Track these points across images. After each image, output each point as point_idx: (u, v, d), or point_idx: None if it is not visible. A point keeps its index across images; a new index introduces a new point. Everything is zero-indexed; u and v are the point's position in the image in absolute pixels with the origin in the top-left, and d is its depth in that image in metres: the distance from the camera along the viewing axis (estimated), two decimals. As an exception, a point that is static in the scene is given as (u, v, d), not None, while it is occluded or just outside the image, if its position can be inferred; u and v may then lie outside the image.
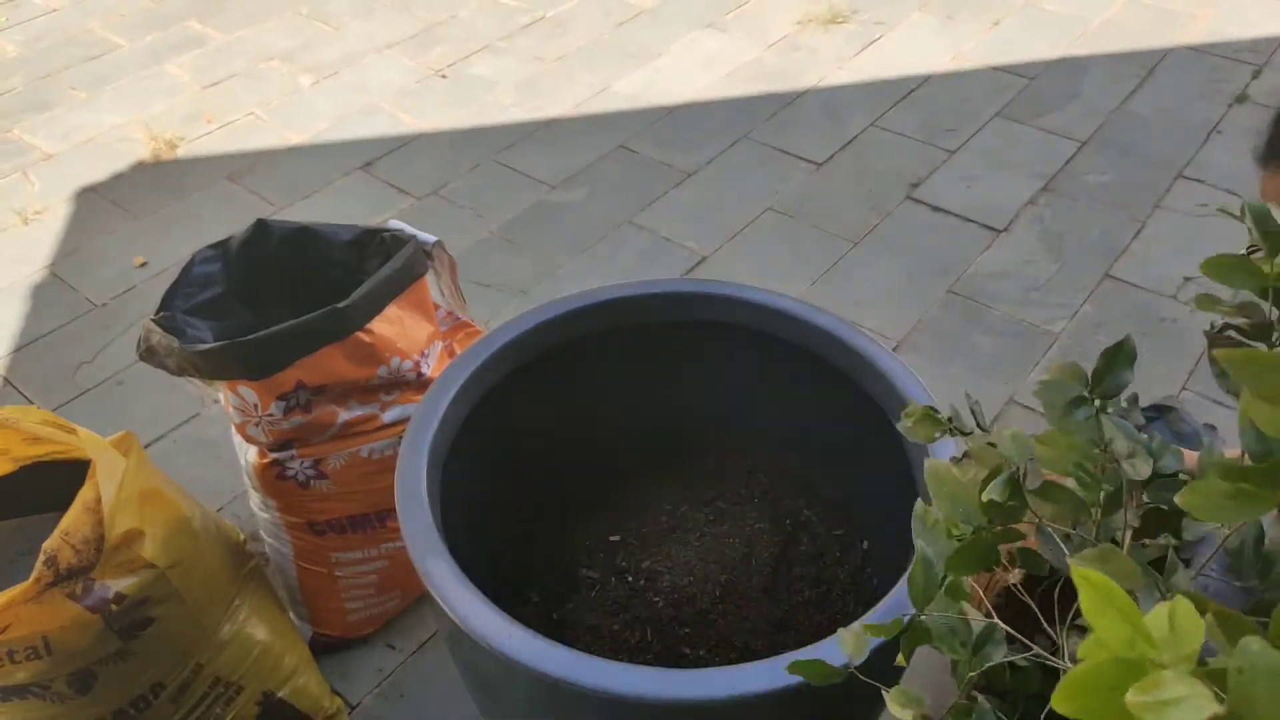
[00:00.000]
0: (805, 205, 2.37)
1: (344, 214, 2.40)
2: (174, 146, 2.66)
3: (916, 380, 1.14)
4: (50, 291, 2.23)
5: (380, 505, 1.41)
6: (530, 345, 1.22)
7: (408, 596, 1.54)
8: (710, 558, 1.29)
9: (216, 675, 1.24)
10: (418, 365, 1.36)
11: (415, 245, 1.36)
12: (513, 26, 3.18)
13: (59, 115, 2.82)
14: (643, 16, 3.21)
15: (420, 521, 0.99)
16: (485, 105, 2.81)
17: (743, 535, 1.33)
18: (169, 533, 1.16)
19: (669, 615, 1.23)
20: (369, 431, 1.35)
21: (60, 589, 1.06)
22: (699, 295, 1.27)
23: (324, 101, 2.85)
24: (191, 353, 1.21)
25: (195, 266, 1.36)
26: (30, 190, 2.54)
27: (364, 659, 1.51)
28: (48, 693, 1.12)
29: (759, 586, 1.26)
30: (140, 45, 3.13)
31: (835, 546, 1.34)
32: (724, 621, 1.23)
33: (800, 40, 3.04)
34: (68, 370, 2.03)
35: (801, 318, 1.23)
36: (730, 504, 1.38)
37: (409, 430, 1.09)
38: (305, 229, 1.41)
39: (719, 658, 1.20)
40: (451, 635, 0.98)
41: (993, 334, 2.00)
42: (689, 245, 2.28)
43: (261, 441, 1.33)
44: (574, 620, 1.26)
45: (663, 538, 1.35)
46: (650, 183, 2.49)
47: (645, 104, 2.78)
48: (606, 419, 1.38)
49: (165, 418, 1.91)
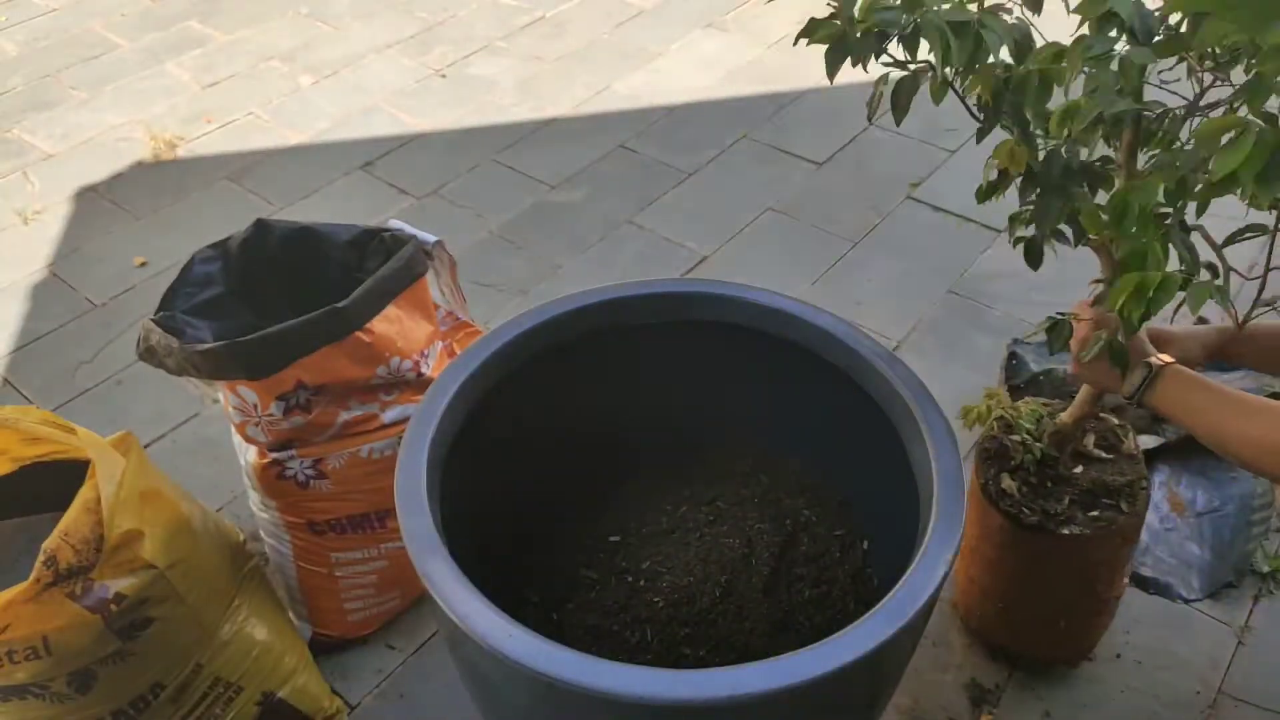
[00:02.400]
0: (805, 205, 2.36)
1: (344, 214, 2.40)
2: (174, 146, 2.66)
3: (916, 380, 1.14)
4: (50, 291, 2.23)
5: (380, 505, 1.41)
6: (530, 345, 1.22)
7: (408, 596, 1.54)
8: (710, 558, 1.29)
9: (216, 675, 1.24)
10: (418, 365, 1.36)
11: (415, 245, 1.36)
12: (513, 27, 3.18)
13: (59, 115, 2.82)
14: (642, 17, 3.21)
15: (420, 521, 0.99)
16: (485, 105, 2.81)
17: (743, 535, 1.33)
18: (169, 533, 1.16)
19: (669, 615, 1.23)
20: (369, 431, 1.35)
21: (60, 589, 1.06)
22: (699, 295, 1.27)
23: (324, 101, 2.85)
24: (191, 353, 1.21)
25: (195, 266, 1.36)
26: (30, 190, 2.54)
27: (364, 659, 1.51)
28: (47, 692, 1.12)
29: (759, 586, 1.26)
30: (140, 45, 3.13)
31: (835, 546, 1.34)
32: (724, 621, 1.23)
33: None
34: (67, 370, 2.02)
35: (801, 318, 1.23)
36: (730, 504, 1.38)
37: (409, 430, 1.09)
38: (305, 229, 1.41)
39: (719, 658, 1.20)
40: (451, 636, 0.97)
41: (993, 334, 2.00)
42: (689, 245, 2.28)
43: (261, 441, 1.32)
44: (574, 620, 1.26)
45: (663, 538, 1.34)
46: (650, 183, 2.49)
47: (645, 104, 2.78)
48: (607, 419, 1.38)
49: (165, 418, 1.90)
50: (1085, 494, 1.31)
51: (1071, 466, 1.34)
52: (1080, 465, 1.34)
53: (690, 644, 1.21)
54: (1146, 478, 1.33)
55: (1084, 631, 1.44)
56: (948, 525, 0.98)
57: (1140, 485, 1.31)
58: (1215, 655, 1.47)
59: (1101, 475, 1.33)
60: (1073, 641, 1.44)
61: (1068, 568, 1.33)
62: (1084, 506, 1.30)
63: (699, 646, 1.21)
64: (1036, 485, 1.32)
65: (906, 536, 1.04)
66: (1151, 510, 1.65)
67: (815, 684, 0.84)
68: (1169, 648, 1.48)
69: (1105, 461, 1.35)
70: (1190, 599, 1.54)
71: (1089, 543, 1.27)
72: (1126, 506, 1.29)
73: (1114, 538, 1.29)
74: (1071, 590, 1.36)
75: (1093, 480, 1.32)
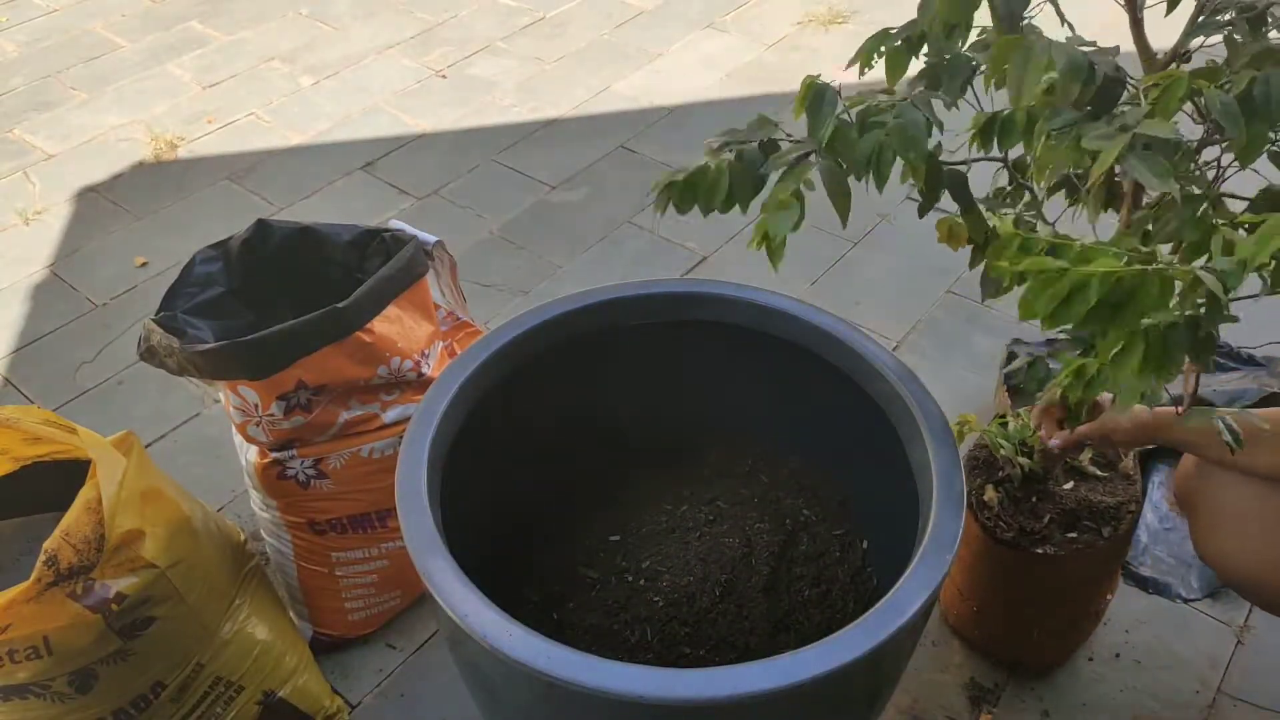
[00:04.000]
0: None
1: (344, 214, 2.41)
2: (175, 147, 2.66)
3: (916, 380, 1.14)
4: (51, 291, 2.23)
5: (380, 505, 1.41)
6: (530, 345, 1.22)
7: (408, 596, 1.54)
8: (710, 558, 1.29)
9: (217, 675, 1.24)
10: (418, 365, 1.36)
11: (416, 245, 1.36)
12: (513, 27, 3.18)
13: (60, 115, 2.82)
14: (642, 17, 3.21)
15: (420, 521, 0.99)
16: (485, 106, 2.81)
17: (743, 535, 1.33)
18: (170, 532, 1.16)
19: (669, 615, 1.23)
20: (369, 431, 1.36)
21: (61, 589, 1.06)
22: (699, 295, 1.27)
23: (325, 102, 2.85)
24: (192, 353, 1.21)
25: (196, 266, 1.36)
26: (31, 190, 2.54)
27: (364, 659, 1.51)
28: (48, 692, 1.12)
29: (759, 586, 1.26)
30: (141, 46, 3.13)
31: (835, 546, 1.34)
32: (724, 621, 1.23)
33: (800, 40, 3.04)
34: (68, 370, 2.03)
35: (801, 318, 1.23)
36: (730, 504, 1.38)
37: (409, 430, 1.09)
38: (306, 229, 1.41)
39: (719, 658, 1.20)
40: (452, 635, 0.98)
41: (992, 334, 2.00)
42: (689, 245, 2.29)
43: (262, 441, 1.33)
44: (574, 620, 1.26)
45: (663, 538, 1.35)
46: (650, 183, 2.49)
47: (645, 104, 2.79)
48: (607, 419, 1.38)
49: (166, 417, 1.91)
50: (1068, 514, 1.29)
51: (1063, 483, 1.32)
52: (1072, 481, 1.32)
53: (690, 643, 1.22)
54: (1139, 500, 1.30)
55: (1061, 641, 1.43)
56: (947, 525, 0.98)
57: (1129, 508, 1.29)
58: (1215, 655, 1.47)
59: (1090, 495, 1.30)
60: (1050, 650, 1.43)
61: (1041, 585, 1.31)
62: (1064, 526, 1.27)
63: (699, 646, 1.21)
64: (1020, 499, 1.30)
65: (906, 536, 1.04)
66: (1151, 510, 1.65)
67: (815, 683, 0.85)
68: (1169, 647, 1.48)
69: (1098, 480, 1.33)
70: (1190, 599, 1.54)
71: (1065, 562, 1.26)
72: (1109, 531, 1.26)
73: (1092, 559, 1.27)
74: (1046, 604, 1.35)
75: (1079, 500, 1.30)
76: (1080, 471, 1.34)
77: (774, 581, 1.28)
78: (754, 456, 1.44)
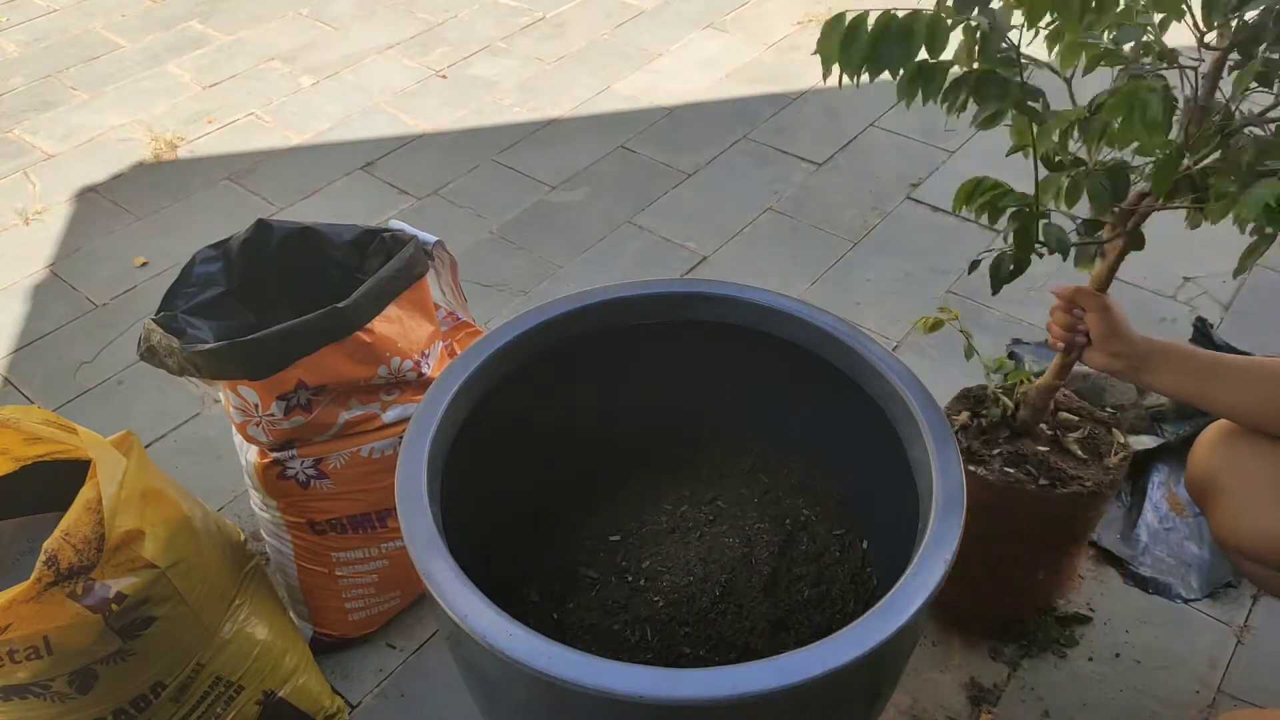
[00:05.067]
0: (805, 205, 2.37)
1: (344, 214, 2.41)
2: (175, 147, 2.66)
3: (916, 380, 1.14)
4: (51, 291, 2.23)
5: (380, 505, 1.41)
6: (530, 345, 1.22)
7: (408, 596, 1.54)
8: (710, 558, 1.29)
9: (217, 675, 1.24)
10: (418, 365, 1.36)
11: (416, 245, 1.36)
12: (513, 27, 3.18)
13: (60, 115, 2.82)
14: (642, 17, 3.21)
15: (420, 521, 0.99)
16: (485, 106, 2.81)
17: (743, 535, 1.33)
18: (170, 532, 1.16)
19: (669, 615, 1.23)
20: (369, 431, 1.36)
21: (61, 589, 1.06)
22: (699, 295, 1.27)
23: (325, 102, 2.85)
24: (192, 353, 1.21)
25: (196, 266, 1.36)
26: (31, 190, 2.54)
27: (364, 659, 1.51)
28: (48, 692, 1.12)
29: (759, 586, 1.27)
30: (141, 46, 3.13)
31: (835, 546, 1.34)
32: (724, 621, 1.23)
33: (800, 40, 3.04)
34: (68, 370, 2.03)
35: (801, 318, 1.23)
36: (730, 504, 1.39)
37: (409, 430, 1.09)
38: (306, 229, 1.41)
39: (719, 658, 1.20)
40: (452, 635, 0.98)
41: (992, 334, 2.00)
42: (689, 245, 2.29)
43: (262, 441, 1.33)
44: (574, 620, 1.26)
45: (663, 538, 1.35)
46: (650, 183, 2.49)
47: (645, 104, 2.79)
48: (607, 419, 1.38)
49: (166, 418, 1.91)
50: (1020, 459, 1.30)
51: (1040, 444, 1.33)
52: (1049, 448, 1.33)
53: (690, 643, 1.22)
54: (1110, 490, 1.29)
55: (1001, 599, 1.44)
56: (947, 525, 0.98)
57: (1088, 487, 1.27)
58: (1214, 655, 1.47)
59: (1059, 462, 1.30)
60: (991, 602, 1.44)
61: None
62: (1008, 463, 1.29)
63: (699, 645, 1.21)
64: (988, 433, 1.33)
65: (906, 536, 1.04)
66: (1151, 510, 1.65)
67: (815, 683, 0.85)
68: (1168, 647, 1.48)
69: (1078, 460, 1.32)
70: (1189, 599, 1.54)
71: (990, 487, 1.26)
72: (1044, 482, 1.26)
73: (1019, 500, 1.26)
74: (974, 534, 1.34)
75: (1041, 459, 1.30)
76: (1065, 450, 1.34)
77: (774, 581, 1.28)
78: (754, 456, 1.44)
